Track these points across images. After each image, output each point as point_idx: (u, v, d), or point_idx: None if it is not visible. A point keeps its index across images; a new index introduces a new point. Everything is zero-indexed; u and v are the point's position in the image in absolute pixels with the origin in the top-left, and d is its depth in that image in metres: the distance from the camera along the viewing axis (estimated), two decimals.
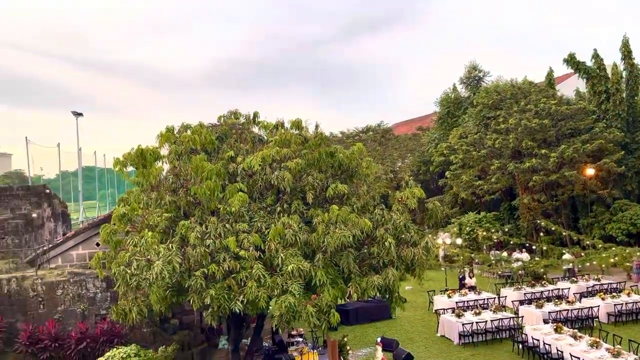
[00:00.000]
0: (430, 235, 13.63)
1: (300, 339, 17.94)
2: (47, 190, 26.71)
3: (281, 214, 12.57)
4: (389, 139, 54.20)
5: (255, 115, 15.70)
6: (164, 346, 15.54)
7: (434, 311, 22.83)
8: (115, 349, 13.53)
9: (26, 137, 43.98)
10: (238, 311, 11.59)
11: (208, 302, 11.51)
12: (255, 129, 15.74)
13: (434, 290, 25.40)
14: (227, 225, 12.17)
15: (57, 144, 48.60)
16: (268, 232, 12.01)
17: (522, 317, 20.68)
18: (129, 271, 11.81)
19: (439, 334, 20.44)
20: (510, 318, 19.70)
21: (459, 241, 34.53)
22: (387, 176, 45.49)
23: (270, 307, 12.24)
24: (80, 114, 46.02)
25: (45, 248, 19.09)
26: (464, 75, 48.79)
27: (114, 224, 13.59)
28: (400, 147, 52.60)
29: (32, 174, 54.56)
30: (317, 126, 14.77)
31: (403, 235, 12.81)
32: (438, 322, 20.78)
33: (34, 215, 24.19)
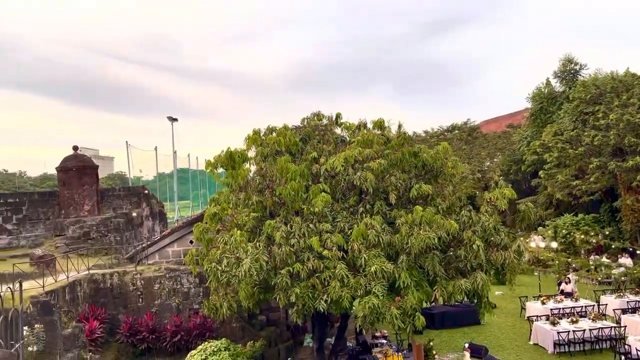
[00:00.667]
0: (522, 238, 12.98)
1: (385, 341, 17.79)
2: (146, 191, 28.60)
3: (364, 215, 12.54)
4: (476, 137, 52.27)
5: (338, 116, 15.80)
6: (252, 341, 16.05)
7: (526, 318, 21.70)
8: (207, 342, 14.18)
9: (127, 142, 47.44)
10: (322, 310, 11.71)
11: (293, 300, 11.75)
12: (338, 130, 15.84)
13: (526, 296, 24.14)
14: (311, 225, 12.35)
15: (154, 148, 51.97)
16: (351, 233, 12.03)
17: (625, 326, 19.12)
18: (219, 268, 12.34)
19: (531, 342, 19.40)
20: (611, 327, 18.27)
21: (553, 245, 32.56)
22: (474, 176, 43.92)
23: (354, 308, 12.25)
24: (175, 119, 48.79)
25: (144, 245, 20.44)
26: (559, 69, 45.90)
27: (206, 223, 14.29)
28: (488, 145, 50.54)
29: (132, 176, 58.74)
30: (400, 126, 14.58)
31: (492, 238, 12.28)
32: (531, 330, 19.73)
33: (134, 214, 25.99)
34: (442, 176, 13.80)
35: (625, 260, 29.29)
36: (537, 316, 20.37)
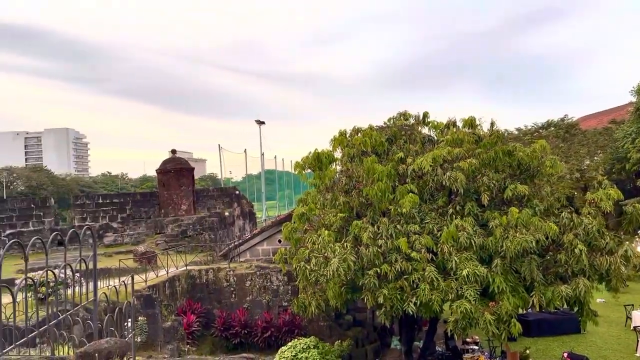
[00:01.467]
0: (628, 242, 12.00)
1: (476, 347, 17.18)
2: (237, 192, 29.80)
3: (453, 216, 12.19)
4: (575, 134, 48.95)
5: (425, 115, 15.49)
6: (339, 340, 16.16)
7: (632, 328, 20.01)
8: (296, 340, 14.48)
9: (219, 145, 49.65)
10: (411, 313, 11.54)
11: (381, 301, 11.68)
12: (425, 130, 15.53)
13: (632, 305, 22.25)
14: (398, 226, 12.21)
15: (244, 150, 53.99)
16: (440, 234, 11.74)
17: None
18: (308, 267, 12.56)
19: (638, 354, 17.86)
20: None
21: None
22: (573, 176, 41.20)
23: (444, 311, 11.95)
24: (263, 122, 50.37)
25: (236, 243, 21.29)
26: None
27: (294, 223, 14.59)
28: (588, 143, 47.17)
29: (223, 177, 61.37)
30: (492, 123, 14.00)
31: (596, 242, 11.46)
32: (638, 341, 18.16)
33: (227, 213, 27.17)
34: (539, 176, 13.09)
35: None
36: None
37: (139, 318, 14.07)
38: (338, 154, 14.79)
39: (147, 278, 15.99)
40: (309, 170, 14.90)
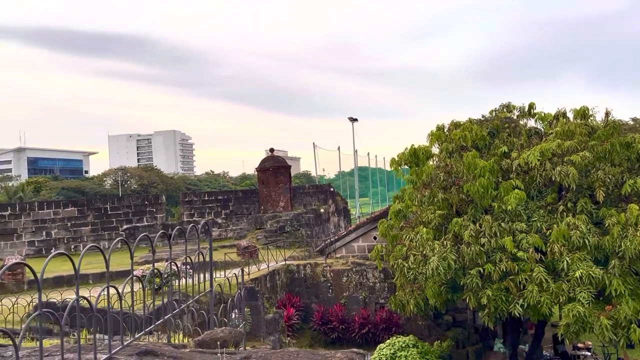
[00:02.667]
0: None
1: (588, 354, 16.01)
2: (332, 189, 30.18)
3: (564, 214, 11.42)
4: None
5: (531, 106, 14.67)
6: (438, 341, 15.81)
7: None
8: (395, 337, 14.37)
9: (313, 143, 50.55)
10: (517, 315, 11.01)
11: (484, 303, 11.26)
12: (531, 122, 14.71)
13: None
14: (503, 224, 11.68)
15: (337, 148, 54.50)
16: (549, 233, 11.07)
17: None
18: (406, 265, 12.41)
19: None
20: None
21: None
22: None
23: (553, 314, 11.25)
24: (356, 120, 50.47)
25: (332, 239, 21.57)
26: None
27: (390, 220, 14.48)
28: None
29: (316, 175, 62.42)
30: (607, 113, 12.93)
31: None
32: None
33: (322, 210, 27.61)
34: None
35: None
36: None
37: (243, 309, 14.72)
38: (435, 150, 14.46)
39: (250, 271, 16.69)
40: (405, 167, 14.71)
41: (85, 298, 2.95)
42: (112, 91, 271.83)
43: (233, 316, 8.28)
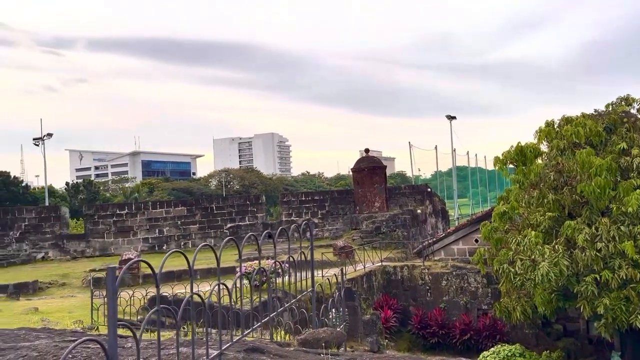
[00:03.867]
0: None
1: None
2: (429, 189, 29.47)
3: None
4: None
5: None
6: (547, 351, 14.80)
7: None
8: (499, 346, 13.68)
9: (409, 142, 49.78)
10: (639, 327, 9.99)
11: (600, 312, 10.38)
12: None
13: None
14: (622, 228, 10.67)
15: (434, 147, 53.25)
16: None
17: None
18: (512, 270, 11.75)
19: None
20: None
21: None
22: None
23: None
24: (454, 117, 48.99)
25: (430, 241, 21.03)
26: None
27: (494, 222, 13.79)
28: None
29: (412, 174, 61.37)
30: None
31: None
32: None
33: (419, 211, 27.04)
34: None
35: None
36: None
37: (341, 309, 14.79)
38: (544, 147, 13.55)
39: (346, 271, 16.73)
40: (511, 166, 13.94)
41: (199, 295, 3.07)
42: (216, 97, 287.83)
43: (331, 315, 8.33)
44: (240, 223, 27.08)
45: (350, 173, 28.50)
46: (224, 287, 3.48)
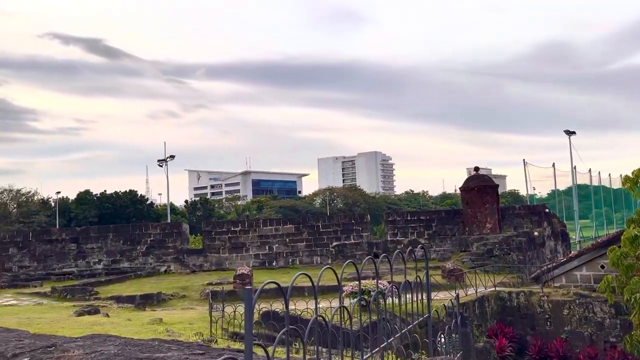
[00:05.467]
0: None
1: None
2: (547, 210, 27.62)
3: None
4: None
5: None
6: None
7: None
8: None
9: (524, 160, 47.22)
10: None
11: None
12: None
13: None
14: None
15: (551, 164, 49.94)
16: None
17: None
18: None
19: None
20: None
21: None
22: None
23: None
24: (573, 133, 45.69)
25: (548, 266, 19.61)
26: None
27: (624, 247, 12.55)
28: None
29: (526, 193, 57.92)
30: None
31: None
32: None
33: (536, 233, 25.39)
34: None
35: None
36: None
37: (452, 335, 14.23)
38: None
39: (456, 295, 16.09)
40: None
41: (322, 317, 3.13)
42: (322, 117, 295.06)
43: (442, 341, 8.02)
44: (345, 242, 27.29)
45: (458, 192, 27.60)
46: (330, 305, 3.51)
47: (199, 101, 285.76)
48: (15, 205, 74.28)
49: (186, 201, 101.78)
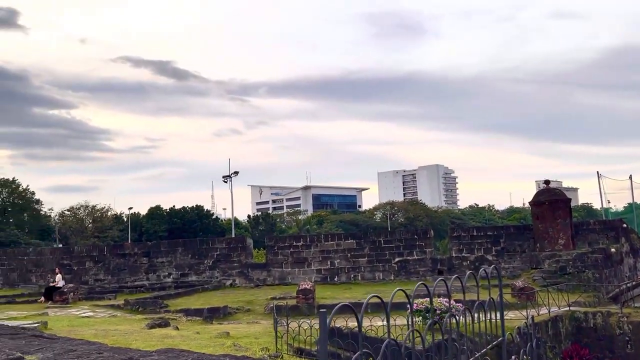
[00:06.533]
0: None
1: None
2: (624, 225, 25.94)
3: None
4: None
5: None
6: None
7: None
8: None
9: (597, 172, 44.75)
10: None
11: None
12: None
13: None
14: None
15: (628, 176, 47.02)
16: None
17: None
18: None
19: None
20: None
21: None
22: None
23: None
24: None
25: (628, 285, 18.38)
26: None
27: None
28: None
29: (601, 207, 54.77)
30: None
31: None
32: None
33: (612, 249, 23.88)
34: None
35: None
36: None
37: (524, 357, 13.58)
38: None
39: (527, 315, 15.37)
40: None
41: (395, 341, 3.07)
42: (381, 131, 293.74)
43: None
44: (408, 257, 26.81)
45: (526, 206, 26.47)
46: (395, 322, 3.42)
47: (260, 118, 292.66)
48: (90, 221, 78.76)
49: (249, 216, 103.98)
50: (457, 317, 8.27)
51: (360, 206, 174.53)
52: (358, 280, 26.71)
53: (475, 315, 5.47)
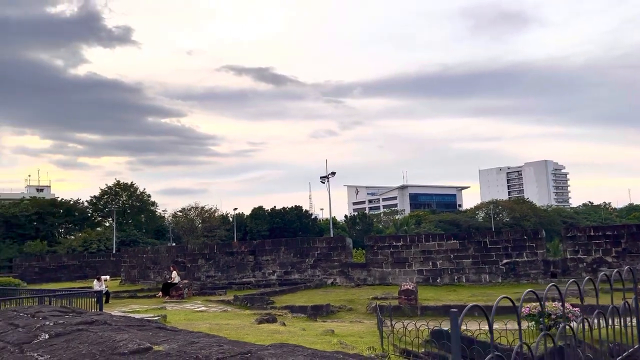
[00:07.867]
0: None
1: None
2: None
3: None
4: None
5: None
6: None
7: None
8: None
9: None
10: None
11: None
12: None
13: None
14: None
15: None
16: None
17: None
18: None
19: None
20: None
21: None
22: None
23: None
24: None
25: None
26: None
27: None
28: None
29: None
30: None
31: None
32: None
33: None
34: None
35: None
36: None
37: None
38: None
39: None
40: None
41: (527, 344, 2.89)
42: (481, 127, 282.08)
43: None
44: (517, 259, 25.44)
45: None
46: (505, 327, 3.20)
47: (355, 118, 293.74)
48: (200, 221, 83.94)
49: (346, 216, 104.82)
50: (576, 323, 7.68)
51: (460, 205, 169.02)
52: (462, 282, 25.84)
53: (595, 321, 5.03)
